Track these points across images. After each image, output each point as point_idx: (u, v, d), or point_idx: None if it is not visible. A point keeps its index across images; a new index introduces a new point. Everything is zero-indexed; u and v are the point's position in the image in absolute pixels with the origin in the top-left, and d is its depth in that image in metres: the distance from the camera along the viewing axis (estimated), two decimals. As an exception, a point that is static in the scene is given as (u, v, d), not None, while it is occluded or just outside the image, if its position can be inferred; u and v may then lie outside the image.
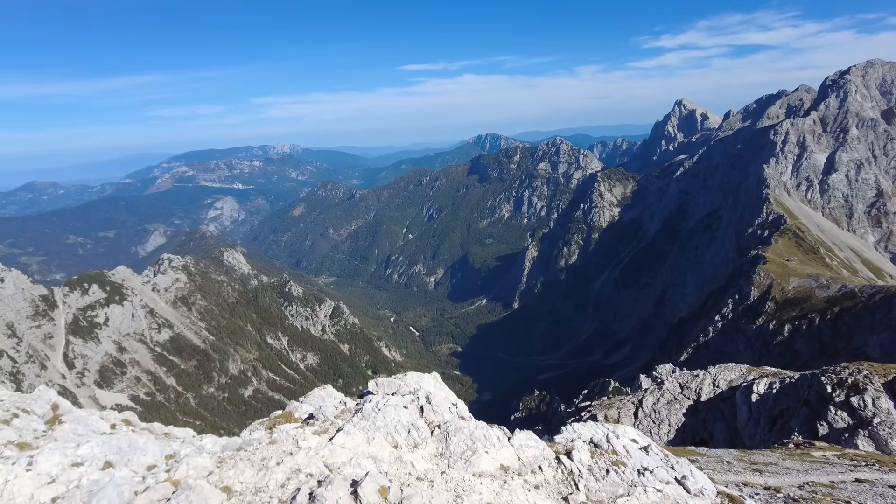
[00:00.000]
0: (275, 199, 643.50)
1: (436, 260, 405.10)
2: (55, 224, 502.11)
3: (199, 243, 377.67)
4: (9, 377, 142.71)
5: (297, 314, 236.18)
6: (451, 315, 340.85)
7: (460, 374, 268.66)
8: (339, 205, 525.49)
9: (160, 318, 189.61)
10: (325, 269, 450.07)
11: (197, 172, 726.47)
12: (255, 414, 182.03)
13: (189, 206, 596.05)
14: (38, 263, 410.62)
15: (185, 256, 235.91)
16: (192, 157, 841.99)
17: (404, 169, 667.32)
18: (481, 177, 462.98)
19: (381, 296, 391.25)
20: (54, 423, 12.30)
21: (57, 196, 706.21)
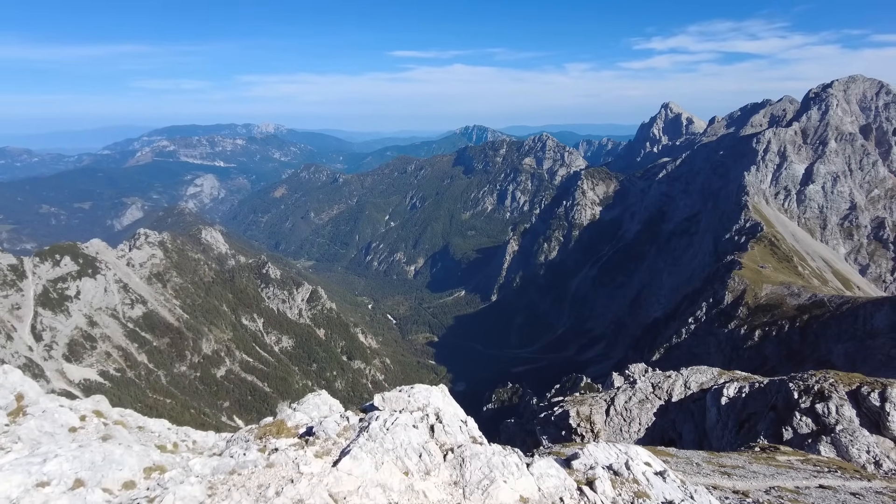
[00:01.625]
0: (256, 178, 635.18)
1: (417, 249, 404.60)
2: (27, 192, 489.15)
3: (178, 220, 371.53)
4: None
5: (273, 296, 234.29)
6: (429, 305, 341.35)
7: (435, 363, 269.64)
8: (322, 188, 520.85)
9: (134, 294, 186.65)
10: (304, 252, 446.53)
11: (178, 147, 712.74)
12: (227, 394, 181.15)
13: (168, 182, 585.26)
14: (7, 232, 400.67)
15: (162, 232, 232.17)
16: (174, 132, 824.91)
17: (389, 156, 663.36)
18: (466, 168, 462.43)
19: (359, 282, 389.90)
20: (18, 414, 11.96)
21: (30, 164, 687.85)
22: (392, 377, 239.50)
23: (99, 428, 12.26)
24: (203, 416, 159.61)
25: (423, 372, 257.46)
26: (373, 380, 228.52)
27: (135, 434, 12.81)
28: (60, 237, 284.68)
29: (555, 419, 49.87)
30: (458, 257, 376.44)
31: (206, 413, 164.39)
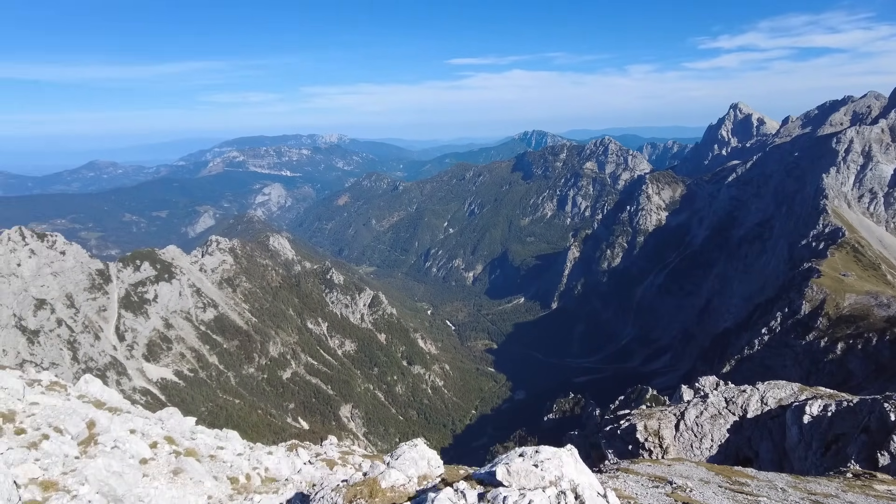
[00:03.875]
0: (321, 187, 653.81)
1: (475, 255, 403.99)
2: (113, 202, 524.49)
3: (247, 227, 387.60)
4: (66, 345, 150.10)
5: (337, 301, 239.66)
6: (487, 311, 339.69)
7: (494, 370, 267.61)
8: (383, 196, 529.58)
9: (206, 298, 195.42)
10: (365, 258, 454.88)
11: (247, 158, 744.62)
12: (292, 396, 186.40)
13: (238, 191, 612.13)
14: (96, 239, 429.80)
15: (232, 239, 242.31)
16: (243, 143, 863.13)
17: (448, 163, 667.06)
18: (525, 174, 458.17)
19: (419, 288, 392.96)
20: (89, 444, 12.23)
21: (116, 175, 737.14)
22: (451, 383, 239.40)
23: (170, 460, 12.35)
24: (269, 417, 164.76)
25: (482, 379, 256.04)
26: (432, 385, 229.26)
27: (206, 464, 12.85)
28: (141, 244, 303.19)
29: (621, 433, 47.97)
30: (516, 264, 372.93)
31: (273, 414, 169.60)
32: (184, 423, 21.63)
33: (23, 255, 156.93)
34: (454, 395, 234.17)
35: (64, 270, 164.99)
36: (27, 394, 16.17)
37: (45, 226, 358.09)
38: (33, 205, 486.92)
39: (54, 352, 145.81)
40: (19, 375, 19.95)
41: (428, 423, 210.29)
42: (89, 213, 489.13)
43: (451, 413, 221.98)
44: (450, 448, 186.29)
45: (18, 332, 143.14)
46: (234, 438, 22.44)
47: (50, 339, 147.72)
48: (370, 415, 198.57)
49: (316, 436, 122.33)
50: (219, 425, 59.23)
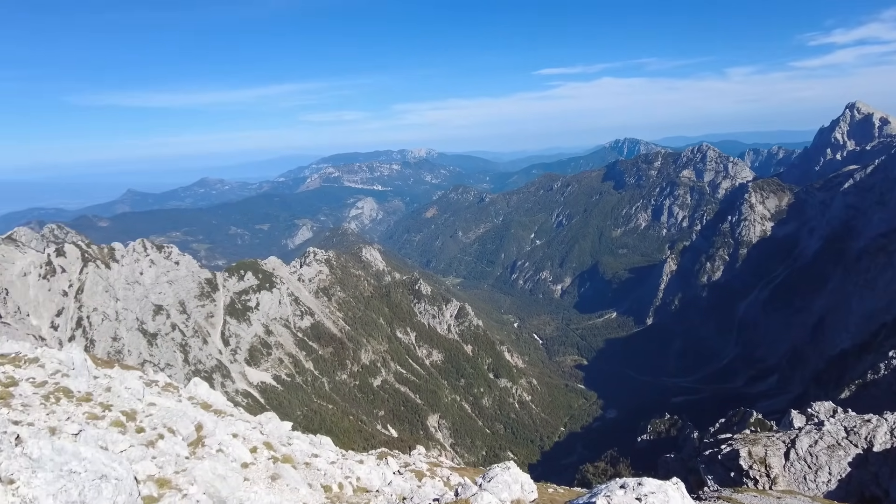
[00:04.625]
0: (410, 200, 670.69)
1: (563, 268, 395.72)
2: (220, 216, 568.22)
3: (341, 239, 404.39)
4: (179, 348, 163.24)
5: (424, 311, 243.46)
6: (577, 326, 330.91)
7: (584, 387, 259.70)
8: (469, 208, 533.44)
9: (303, 306, 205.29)
10: (452, 269, 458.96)
11: (342, 174, 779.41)
12: (382, 403, 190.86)
13: (334, 205, 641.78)
14: (205, 250, 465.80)
15: (328, 251, 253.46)
16: (338, 160, 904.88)
17: (535, 174, 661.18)
18: (617, 183, 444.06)
19: (505, 300, 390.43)
20: (197, 445, 13.07)
21: (223, 191, 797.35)
22: (539, 398, 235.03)
23: (268, 466, 12.94)
24: (360, 423, 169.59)
25: (571, 396, 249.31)
26: (519, 400, 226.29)
27: (301, 472, 13.37)
28: (245, 255, 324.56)
29: (722, 458, 44.82)
30: (608, 277, 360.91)
31: (363, 420, 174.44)
32: (281, 427, 22.63)
33: (144, 265, 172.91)
34: (542, 410, 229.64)
35: (178, 279, 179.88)
36: (146, 394, 17.70)
37: (163, 238, 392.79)
38: (153, 219, 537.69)
39: (169, 354, 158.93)
40: (139, 376, 21.82)
41: (515, 438, 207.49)
42: (200, 226, 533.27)
43: (538, 429, 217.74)
44: (538, 465, 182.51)
45: (140, 335, 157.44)
46: (328, 445, 23.17)
47: (166, 342, 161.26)
48: (457, 426, 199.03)
49: (404, 444, 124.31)
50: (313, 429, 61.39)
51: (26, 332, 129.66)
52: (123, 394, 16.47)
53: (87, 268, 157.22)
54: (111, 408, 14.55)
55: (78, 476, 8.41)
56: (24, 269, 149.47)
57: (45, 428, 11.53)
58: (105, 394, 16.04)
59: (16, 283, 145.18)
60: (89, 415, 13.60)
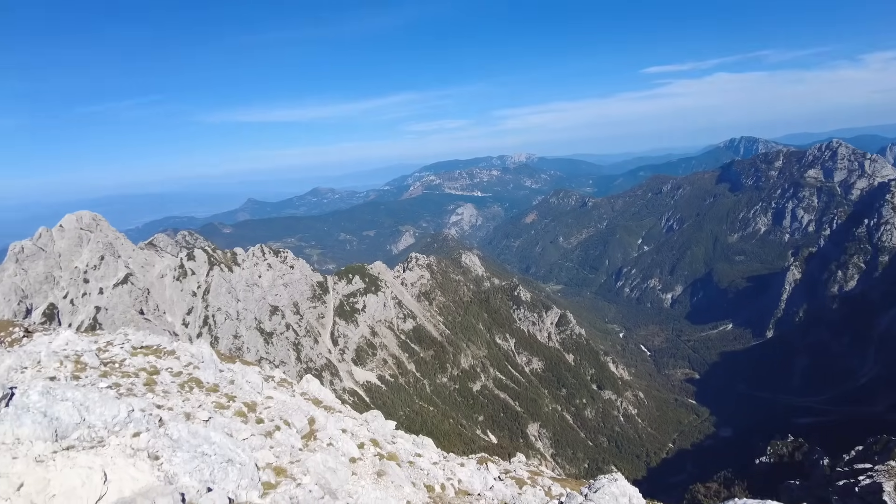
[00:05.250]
0: (509, 206, 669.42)
1: (674, 275, 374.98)
2: (330, 223, 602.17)
3: (442, 245, 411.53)
4: (292, 346, 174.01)
5: (524, 318, 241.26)
6: (688, 337, 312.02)
7: (696, 403, 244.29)
8: (571, 213, 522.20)
9: (406, 310, 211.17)
10: (553, 276, 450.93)
11: (443, 181, 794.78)
12: (481, 409, 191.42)
13: (435, 211, 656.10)
14: (317, 255, 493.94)
15: (429, 256, 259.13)
16: (440, 168, 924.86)
17: (642, 176, 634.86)
18: (733, 185, 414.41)
19: (609, 309, 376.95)
20: (310, 438, 13.92)
21: (333, 200, 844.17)
22: (646, 413, 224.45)
23: (374, 462, 13.48)
24: (460, 427, 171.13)
25: (681, 411, 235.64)
26: (625, 413, 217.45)
27: (405, 470, 13.81)
28: (353, 259, 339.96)
29: (860, 491, 40.51)
30: (723, 285, 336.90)
31: (463, 424, 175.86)
32: (385, 426, 23.44)
33: (262, 269, 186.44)
34: (649, 425, 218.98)
35: (292, 282, 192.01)
36: (264, 388, 19.17)
37: (279, 244, 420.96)
38: (271, 226, 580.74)
39: (283, 352, 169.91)
40: (258, 372, 23.62)
41: (619, 452, 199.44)
42: (312, 232, 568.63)
43: (644, 444, 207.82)
44: (643, 481, 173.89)
45: (258, 333, 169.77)
46: (430, 446, 23.65)
47: (280, 341, 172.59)
48: (558, 436, 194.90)
49: (503, 451, 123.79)
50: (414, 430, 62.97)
51: (163, 328, 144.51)
52: (245, 387, 17.99)
53: (212, 271, 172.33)
54: (235, 399, 15.96)
55: (209, 458, 9.32)
56: (161, 272, 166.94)
57: (182, 413, 12.88)
58: (229, 386, 17.61)
59: (155, 283, 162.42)
60: (217, 404, 14.99)
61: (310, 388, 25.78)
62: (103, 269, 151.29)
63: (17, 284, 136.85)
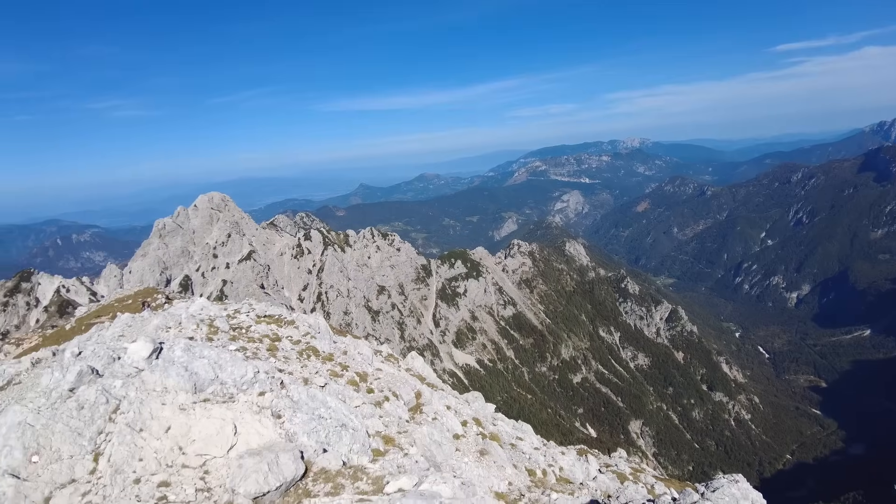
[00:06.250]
0: (619, 193, 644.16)
1: (801, 273, 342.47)
2: (435, 208, 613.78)
3: (545, 232, 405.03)
4: (397, 325, 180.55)
5: (631, 312, 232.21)
6: (815, 342, 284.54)
7: (820, 413, 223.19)
8: (687, 202, 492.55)
9: (506, 296, 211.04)
10: (664, 269, 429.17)
11: (548, 167, 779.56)
12: (581, 401, 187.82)
13: (539, 198, 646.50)
14: (422, 239, 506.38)
15: (531, 243, 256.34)
16: (546, 153, 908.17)
17: (769, 164, 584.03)
18: (879, 174, 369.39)
19: (725, 306, 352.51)
20: (416, 411, 14.37)
21: (439, 185, 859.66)
22: (761, 418, 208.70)
23: (477, 441, 13.66)
24: (558, 418, 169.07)
25: (802, 421, 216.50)
26: (736, 417, 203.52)
27: (507, 451, 13.88)
28: (455, 244, 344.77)
29: None
30: (861, 286, 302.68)
31: (561, 415, 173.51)
32: (486, 408, 23.68)
33: (371, 250, 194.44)
34: (763, 432, 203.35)
35: (398, 264, 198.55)
36: (374, 361, 20.10)
37: (387, 227, 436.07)
38: (380, 210, 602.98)
39: (388, 329, 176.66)
40: (368, 345, 24.76)
41: (728, 458, 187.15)
42: (418, 217, 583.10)
43: (758, 452, 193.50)
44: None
45: (366, 311, 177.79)
46: (529, 432, 23.58)
47: (386, 319, 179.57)
48: (661, 435, 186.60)
49: (603, 445, 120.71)
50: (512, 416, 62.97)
51: (280, 302, 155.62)
52: (357, 358, 18.97)
53: (326, 251, 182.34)
54: (348, 368, 16.88)
55: (325, 421, 9.93)
56: (280, 250, 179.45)
57: (300, 378, 13.84)
58: (342, 356, 18.64)
59: (275, 260, 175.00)
60: (332, 372, 15.94)
61: (414, 365, 26.63)
62: (230, 246, 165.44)
63: (159, 257, 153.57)
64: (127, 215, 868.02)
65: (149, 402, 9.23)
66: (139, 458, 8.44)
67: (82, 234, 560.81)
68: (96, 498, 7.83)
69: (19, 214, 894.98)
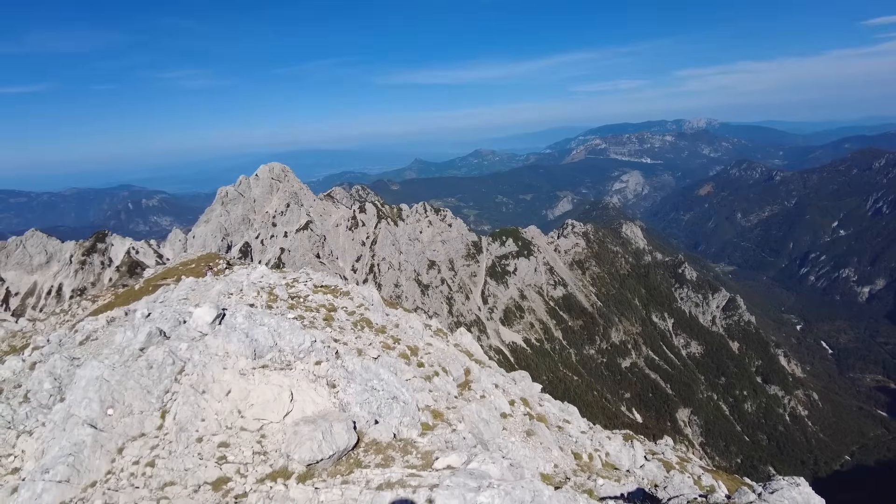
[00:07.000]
0: (682, 175, 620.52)
1: (875, 266, 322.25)
2: (489, 185, 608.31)
3: (601, 213, 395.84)
4: (445, 300, 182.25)
5: (686, 298, 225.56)
6: (886, 339, 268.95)
7: (887, 415, 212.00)
8: (753, 187, 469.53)
9: (557, 276, 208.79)
10: (724, 255, 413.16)
11: (609, 146, 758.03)
12: (629, 386, 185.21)
13: (597, 178, 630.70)
14: (474, 215, 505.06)
15: (586, 224, 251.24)
16: (606, 131, 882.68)
17: (847, 149, 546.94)
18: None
19: (787, 297, 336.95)
20: (465, 388, 14.49)
21: (493, 162, 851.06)
22: (819, 416, 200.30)
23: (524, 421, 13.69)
24: (604, 401, 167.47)
25: (865, 422, 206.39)
26: (792, 412, 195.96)
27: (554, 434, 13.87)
28: (507, 222, 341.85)
29: None
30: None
31: (608, 399, 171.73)
32: (532, 387, 23.66)
33: (423, 225, 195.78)
34: (821, 430, 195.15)
35: (449, 240, 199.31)
36: (424, 335, 20.37)
37: (440, 203, 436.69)
38: (434, 185, 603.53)
39: (437, 304, 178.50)
40: (419, 319, 25.10)
41: (780, 454, 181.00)
42: (471, 193, 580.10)
43: (814, 450, 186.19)
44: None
45: (416, 284, 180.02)
46: (576, 414, 23.45)
47: (435, 294, 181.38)
48: (710, 426, 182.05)
49: (649, 432, 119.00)
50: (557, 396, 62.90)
51: (335, 272, 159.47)
52: (408, 331, 19.29)
53: (380, 224, 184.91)
54: (399, 341, 17.20)
55: (377, 393, 10.17)
56: (336, 221, 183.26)
57: (354, 349, 14.22)
58: (394, 329, 18.99)
59: (330, 231, 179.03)
60: (384, 344, 16.29)
61: (462, 341, 26.83)
62: (288, 216, 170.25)
63: (221, 224, 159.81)
64: (193, 182, 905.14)
65: (211, 366, 9.69)
66: (201, 418, 8.92)
67: (151, 199, 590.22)
68: (163, 452, 8.35)
69: (97, 179, 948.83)
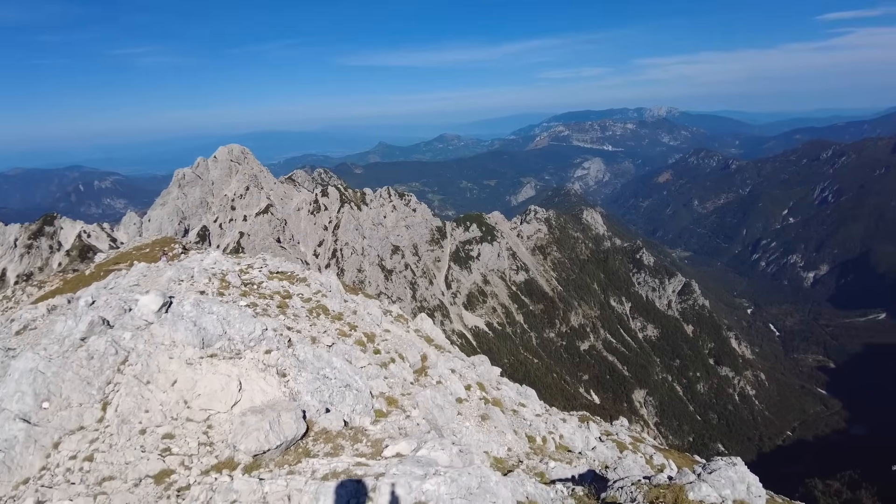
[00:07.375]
0: (642, 163, 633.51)
1: (820, 253, 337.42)
2: (453, 170, 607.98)
3: (563, 199, 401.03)
4: (409, 285, 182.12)
5: (643, 283, 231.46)
6: (827, 322, 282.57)
7: (826, 393, 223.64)
8: (710, 175, 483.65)
9: (519, 262, 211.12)
10: (681, 241, 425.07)
11: (572, 132, 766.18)
12: (587, 368, 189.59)
13: (559, 164, 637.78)
14: (438, 200, 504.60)
15: (548, 210, 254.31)
16: (570, 118, 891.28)
17: (798, 139, 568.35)
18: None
19: (740, 282, 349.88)
20: (421, 374, 14.51)
21: (458, 147, 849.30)
22: (765, 395, 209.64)
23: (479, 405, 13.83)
24: (563, 383, 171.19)
25: (806, 399, 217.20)
26: (741, 392, 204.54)
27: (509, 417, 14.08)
28: (471, 208, 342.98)
29: None
30: (882, 269, 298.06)
31: (567, 381, 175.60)
32: (491, 371, 23.95)
33: (388, 210, 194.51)
34: (766, 408, 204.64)
35: (413, 225, 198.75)
36: (383, 321, 20.32)
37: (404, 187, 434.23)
38: (398, 169, 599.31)
39: (400, 289, 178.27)
40: (378, 305, 24.99)
41: (729, 431, 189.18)
42: (435, 178, 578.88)
43: (759, 427, 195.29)
44: (752, 465, 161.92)
45: (379, 270, 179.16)
46: (533, 397, 23.87)
47: (399, 279, 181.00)
48: (664, 406, 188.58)
49: (605, 412, 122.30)
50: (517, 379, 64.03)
51: (296, 257, 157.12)
52: (366, 318, 19.18)
53: (343, 208, 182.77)
54: (356, 328, 17.10)
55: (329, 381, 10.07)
56: (297, 205, 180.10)
57: (308, 337, 14.06)
58: (352, 316, 18.85)
59: (292, 215, 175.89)
60: (340, 331, 16.16)
61: (423, 326, 26.87)
62: (248, 199, 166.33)
63: (178, 207, 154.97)
64: (148, 164, 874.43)
65: (157, 356, 9.42)
66: (145, 409, 8.67)
67: (104, 180, 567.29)
68: (103, 445, 8.09)
69: (44, 159, 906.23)
